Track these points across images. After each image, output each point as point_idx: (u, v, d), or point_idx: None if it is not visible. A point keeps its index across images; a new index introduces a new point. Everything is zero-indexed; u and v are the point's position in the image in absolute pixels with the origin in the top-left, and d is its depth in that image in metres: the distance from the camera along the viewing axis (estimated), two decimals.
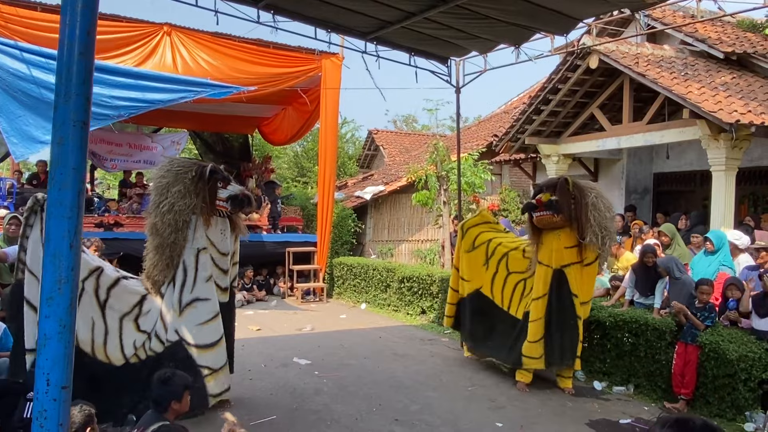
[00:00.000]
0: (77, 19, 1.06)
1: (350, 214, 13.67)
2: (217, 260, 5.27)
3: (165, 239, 4.95)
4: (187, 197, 4.93)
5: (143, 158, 13.81)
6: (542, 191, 6.13)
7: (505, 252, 6.87)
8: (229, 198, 5.15)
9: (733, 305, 5.79)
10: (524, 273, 6.58)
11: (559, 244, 6.07)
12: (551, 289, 6.10)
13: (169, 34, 9.94)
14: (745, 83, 9.32)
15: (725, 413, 5.41)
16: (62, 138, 1.08)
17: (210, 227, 5.19)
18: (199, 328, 5.10)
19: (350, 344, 8.14)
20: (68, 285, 1.05)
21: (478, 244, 7.14)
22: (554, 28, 6.76)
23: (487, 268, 6.97)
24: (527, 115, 10.99)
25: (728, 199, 8.55)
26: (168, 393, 3.37)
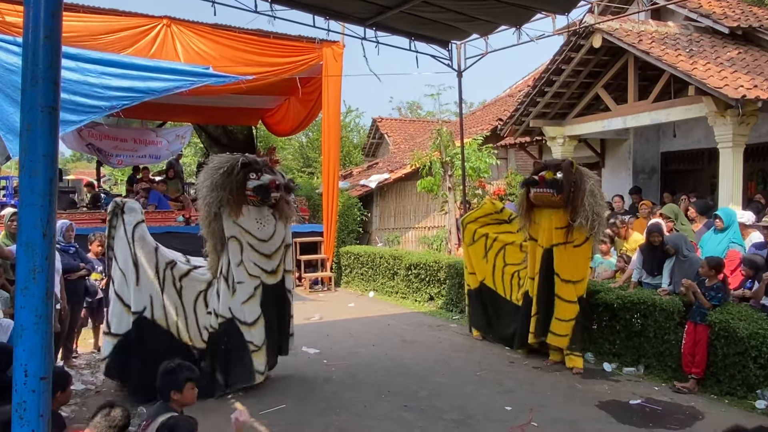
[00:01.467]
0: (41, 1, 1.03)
1: (356, 203, 13.66)
2: (256, 246, 5.64)
3: (205, 230, 5.61)
4: (215, 191, 5.41)
5: (148, 153, 13.84)
6: (546, 169, 6.21)
7: (501, 246, 7.28)
8: (255, 188, 5.49)
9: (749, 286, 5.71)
10: (519, 265, 7.00)
11: (551, 224, 6.27)
12: (542, 267, 6.37)
13: (169, 26, 9.90)
14: (752, 58, 9.16)
15: (736, 391, 5.38)
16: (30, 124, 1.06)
17: (241, 216, 5.53)
18: (242, 306, 5.57)
19: (359, 332, 8.15)
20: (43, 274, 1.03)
21: (477, 238, 7.52)
22: (555, 7, 6.68)
23: (487, 261, 7.40)
24: (531, 97, 10.88)
25: (736, 176, 8.44)
26: (169, 383, 3.40)
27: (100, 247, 7.35)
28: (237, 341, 5.56)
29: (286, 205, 5.84)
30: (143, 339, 5.44)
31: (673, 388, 5.68)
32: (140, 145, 13.65)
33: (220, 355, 5.60)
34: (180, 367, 3.51)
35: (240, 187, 5.46)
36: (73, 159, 37.72)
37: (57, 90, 1.03)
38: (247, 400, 5.39)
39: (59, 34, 1.06)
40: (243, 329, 5.57)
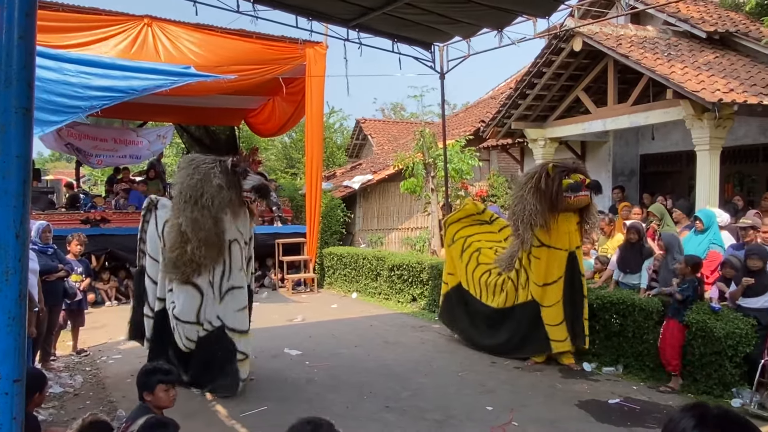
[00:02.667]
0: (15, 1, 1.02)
1: (339, 204, 13.65)
2: (244, 249, 5.60)
3: (209, 232, 5.21)
4: (224, 191, 5.21)
5: (129, 153, 13.69)
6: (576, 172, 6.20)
7: (478, 247, 7.31)
8: (252, 188, 5.41)
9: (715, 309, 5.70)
10: (489, 264, 7.05)
11: (571, 227, 6.29)
12: (567, 271, 6.28)
13: (150, 26, 9.81)
14: (728, 62, 9.33)
15: (712, 390, 5.47)
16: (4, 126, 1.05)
17: (238, 219, 5.45)
18: (236, 314, 5.48)
19: (341, 333, 8.14)
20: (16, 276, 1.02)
21: (456, 238, 7.53)
22: (536, 11, 6.74)
23: (462, 260, 7.39)
24: (513, 99, 10.97)
25: (713, 178, 8.58)
26: (141, 383, 3.39)
27: (78, 246, 7.26)
28: (227, 350, 5.45)
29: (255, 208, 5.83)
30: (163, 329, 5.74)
31: (655, 387, 5.74)
32: (120, 145, 13.50)
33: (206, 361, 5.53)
34: (155, 369, 3.49)
35: (239, 188, 5.36)
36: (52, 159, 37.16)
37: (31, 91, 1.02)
38: (228, 402, 5.37)
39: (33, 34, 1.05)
40: (234, 337, 5.45)
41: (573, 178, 6.12)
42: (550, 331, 6.32)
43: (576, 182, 6.09)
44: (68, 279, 6.58)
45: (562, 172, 6.17)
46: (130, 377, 6.08)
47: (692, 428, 1.16)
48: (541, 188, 6.16)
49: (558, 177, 6.14)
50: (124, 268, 11.10)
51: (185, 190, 5.23)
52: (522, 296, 6.61)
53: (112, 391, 5.73)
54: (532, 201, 6.17)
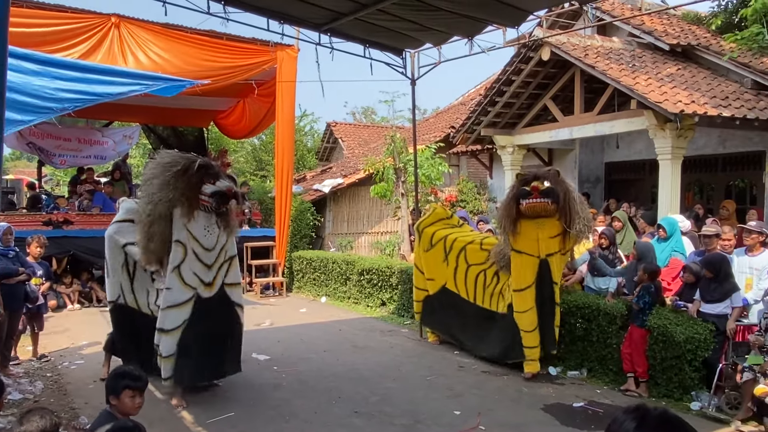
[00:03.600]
0: None
1: (309, 208, 13.59)
2: (200, 255, 5.37)
3: (148, 229, 5.28)
4: (165, 190, 5.09)
5: (93, 153, 13.40)
6: (535, 179, 6.12)
7: (462, 246, 7.11)
8: (213, 194, 5.21)
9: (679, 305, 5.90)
10: (483, 264, 6.86)
11: (544, 233, 6.17)
12: (538, 278, 6.22)
13: (118, 25, 9.63)
14: (690, 74, 9.64)
15: (673, 393, 5.63)
16: None
17: (191, 221, 5.24)
18: (163, 312, 5.40)
19: (310, 338, 8.11)
20: None
21: (435, 241, 7.40)
22: (506, 20, 6.85)
23: (447, 263, 7.22)
24: (482, 106, 11.12)
25: (674, 186, 8.85)
26: (109, 387, 3.34)
27: (38, 249, 7.09)
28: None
29: (231, 215, 5.62)
30: (120, 322, 6.01)
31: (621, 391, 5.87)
32: (85, 145, 13.21)
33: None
34: (124, 373, 3.43)
35: (195, 190, 5.18)
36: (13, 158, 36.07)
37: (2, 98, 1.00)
38: (194, 408, 5.30)
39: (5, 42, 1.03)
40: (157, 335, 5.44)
41: (532, 184, 6.09)
42: (525, 337, 6.27)
43: (525, 190, 6.10)
44: (29, 282, 6.40)
45: (524, 180, 6.24)
46: (93, 383, 5.97)
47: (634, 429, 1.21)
48: (507, 196, 6.40)
49: (518, 186, 6.24)
50: (87, 271, 10.85)
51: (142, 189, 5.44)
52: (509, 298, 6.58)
53: (74, 397, 5.60)
54: (502, 208, 6.42)
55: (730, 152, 10.22)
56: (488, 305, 6.79)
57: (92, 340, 7.74)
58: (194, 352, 5.40)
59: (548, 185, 6.04)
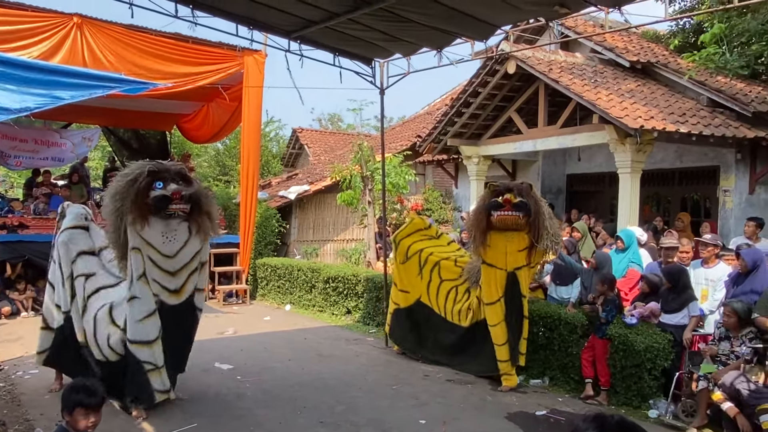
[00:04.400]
0: None
1: (274, 214, 13.48)
2: (158, 261, 5.18)
3: (110, 237, 5.31)
4: (115, 199, 5.07)
5: (51, 155, 13.02)
6: (508, 192, 6.06)
7: (436, 261, 7.14)
8: (154, 198, 4.99)
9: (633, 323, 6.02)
10: (455, 280, 6.88)
11: (512, 247, 6.14)
12: (506, 291, 6.21)
13: (80, 25, 9.40)
14: (649, 91, 9.96)
15: (632, 401, 5.77)
16: None
17: (146, 228, 5.06)
18: (136, 324, 5.20)
19: (274, 347, 8.03)
20: None
21: (411, 254, 7.37)
22: (474, 34, 6.95)
23: (422, 277, 7.22)
24: (449, 117, 11.26)
25: (633, 199, 9.12)
26: (62, 401, 3.20)
27: None
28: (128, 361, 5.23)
29: (206, 219, 5.35)
30: (74, 334, 5.61)
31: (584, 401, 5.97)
32: (42, 147, 12.81)
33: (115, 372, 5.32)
34: (78, 388, 3.26)
35: (142, 196, 4.98)
36: None
37: None
38: (155, 420, 5.17)
39: None
40: (132, 348, 5.18)
41: (504, 197, 6.04)
42: (498, 351, 6.27)
43: (496, 201, 6.05)
44: None
45: (495, 191, 6.17)
46: (48, 393, 5.77)
47: None
48: (478, 206, 6.36)
49: (489, 197, 6.19)
50: (42, 278, 10.49)
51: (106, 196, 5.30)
52: (481, 313, 6.52)
53: (29, 408, 5.39)
54: (472, 218, 6.39)
55: (687, 167, 10.59)
56: (456, 320, 6.81)
57: None
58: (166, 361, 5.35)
59: (520, 199, 5.99)
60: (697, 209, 11.02)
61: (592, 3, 5.84)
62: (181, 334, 5.54)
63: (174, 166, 5.35)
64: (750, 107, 9.23)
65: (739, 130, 9.11)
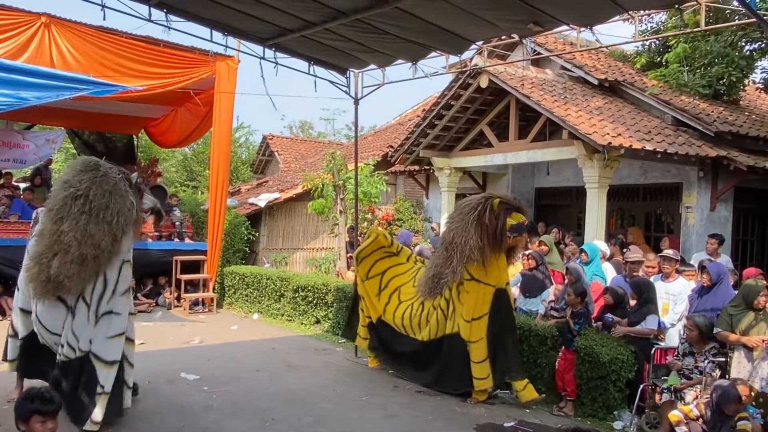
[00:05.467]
0: None
1: (243, 222, 13.33)
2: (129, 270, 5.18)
3: (100, 249, 4.66)
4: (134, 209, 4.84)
5: (13, 157, 12.61)
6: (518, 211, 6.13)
7: (397, 286, 7.12)
8: (151, 210, 5.11)
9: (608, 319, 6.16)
10: (411, 299, 6.84)
11: (502, 263, 6.27)
12: (492, 307, 6.14)
13: (48, 25, 9.18)
14: (616, 108, 10.22)
15: (597, 413, 5.86)
16: None
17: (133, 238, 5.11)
18: (106, 340, 4.87)
19: (242, 357, 7.92)
20: None
21: (372, 275, 7.31)
22: (449, 48, 7.04)
23: (380, 299, 7.20)
24: (422, 128, 11.34)
25: (600, 213, 9.32)
26: (17, 411, 3.13)
27: None
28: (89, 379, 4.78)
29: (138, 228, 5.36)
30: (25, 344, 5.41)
31: (551, 411, 6.05)
32: (3, 148, 12.42)
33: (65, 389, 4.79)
34: (33, 396, 3.19)
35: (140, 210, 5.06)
36: None
37: None
38: (120, 430, 5.04)
39: None
40: (97, 366, 4.79)
41: (515, 218, 6.01)
42: (474, 368, 6.15)
43: (519, 224, 6.02)
44: None
45: (507, 210, 6.03)
46: (7, 404, 5.56)
47: None
48: (485, 223, 5.94)
49: (503, 215, 5.99)
50: (2, 284, 10.16)
51: (89, 198, 4.64)
52: (449, 327, 6.38)
53: None
54: (475, 236, 5.93)
55: (651, 183, 10.87)
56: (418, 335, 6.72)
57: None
58: None
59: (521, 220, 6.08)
60: (660, 224, 11.32)
61: (564, 22, 5.98)
62: None
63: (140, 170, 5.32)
64: (713, 127, 9.55)
65: (702, 148, 9.40)
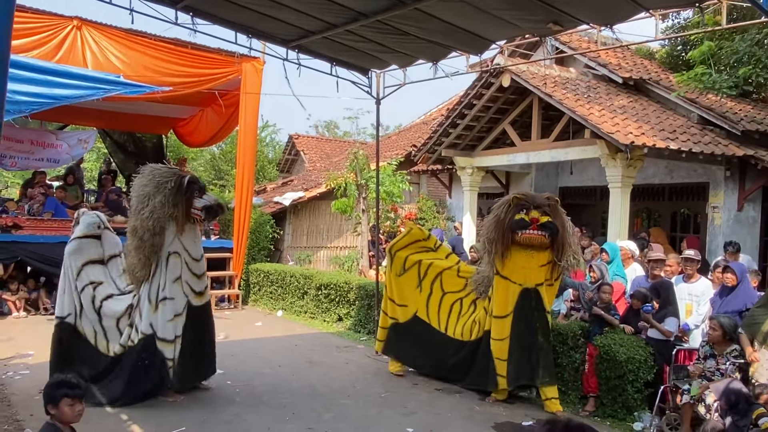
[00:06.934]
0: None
1: (268, 220, 13.52)
2: (190, 265, 5.86)
3: (144, 242, 5.60)
4: (165, 206, 5.54)
5: (47, 156, 13.00)
6: (535, 209, 5.87)
7: (438, 272, 6.79)
8: (204, 208, 5.72)
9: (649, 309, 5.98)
10: (460, 293, 6.61)
11: (533, 262, 5.94)
12: (517, 307, 5.97)
13: (79, 28, 9.47)
14: (640, 107, 10.11)
15: (617, 413, 5.84)
16: None
17: (183, 233, 5.76)
18: (166, 324, 5.69)
19: (265, 352, 8.07)
20: None
21: (408, 266, 7.00)
22: (469, 48, 7.07)
23: (421, 290, 6.87)
24: (444, 128, 11.37)
25: (623, 213, 9.23)
26: (46, 396, 3.30)
27: None
28: (154, 358, 5.67)
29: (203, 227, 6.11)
30: (62, 340, 5.88)
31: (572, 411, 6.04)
32: (38, 148, 12.81)
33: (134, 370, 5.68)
34: (61, 382, 3.38)
35: (187, 204, 5.66)
36: None
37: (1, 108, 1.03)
38: (145, 423, 5.22)
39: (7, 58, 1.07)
40: (160, 346, 5.67)
41: (531, 214, 5.82)
42: (498, 365, 6.05)
43: (523, 219, 5.83)
44: None
45: (520, 206, 5.93)
46: (39, 394, 5.75)
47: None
48: (500, 217, 5.98)
49: (514, 210, 5.92)
50: (34, 278, 10.51)
51: (134, 199, 5.67)
52: (487, 324, 6.26)
53: (19, 408, 5.43)
54: (492, 229, 6.03)
55: (677, 182, 10.72)
56: (460, 336, 6.51)
57: (38, 350, 7.50)
58: (188, 357, 5.81)
59: (548, 219, 5.82)
60: (686, 225, 11.16)
61: (583, 21, 5.97)
62: (204, 334, 6.09)
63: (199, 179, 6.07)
64: (739, 126, 9.38)
65: (729, 147, 9.25)
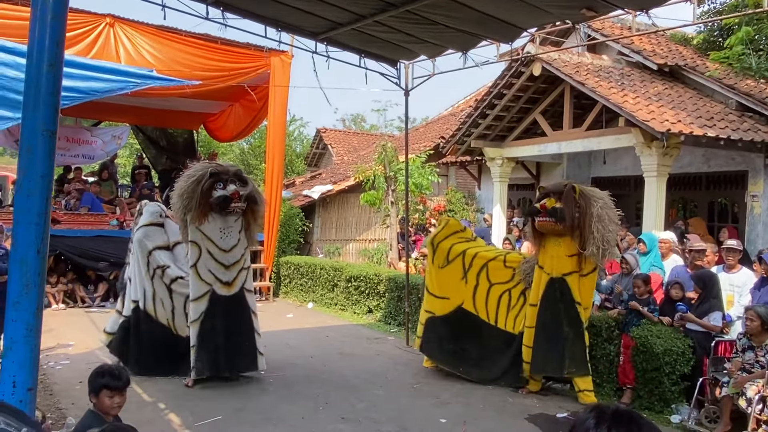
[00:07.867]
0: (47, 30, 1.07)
1: (298, 213, 13.62)
2: (216, 255, 6.05)
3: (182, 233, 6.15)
4: (182, 198, 5.87)
5: (82, 152, 13.30)
6: (548, 196, 5.88)
7: (483, 263, 6.61)
8: (217, 198, 5.88)
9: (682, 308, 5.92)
10: (508, 283, 6.45)
11: (560, 251, 5.89)
12: (544, 296, 5.95)
13: (112, 25, 9.66)
14: (676, 94, 9.85)
15: (654, 406, 5.74)
16: (31, 146, 1.10)
17: (205, 223, 5.95)
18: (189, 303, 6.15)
19: (296, 343, 8.14)
20: (35, 290, 1.06)
21: (452, 257, 6.77)
22: (499, 36, 6.97)
23: (466, 281, 6.65)
24: (473, 118, 11.25)
25: (659, 203, 9.02)
26: (89, 384, 3.33)
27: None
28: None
29: (253, 221, 6.23)
30: (138, 324, 6.40)
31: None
32: (73, 144, 13.11)
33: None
34: (104, 372, 3.41)
35: (205, 196, 5.83)
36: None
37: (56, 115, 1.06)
38: (182, 412, 5.31)
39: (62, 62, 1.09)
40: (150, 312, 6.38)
41: (548, 203, 5.81)
42: (525, 351, 6.07)
43: (535, 207, 5.93)
44: None
45: (543, 194, 5.98)
46: (80, 384, 5.93)
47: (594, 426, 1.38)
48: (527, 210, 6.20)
49: (536, 200, 6.02)
50: (73, 271, 10.78)
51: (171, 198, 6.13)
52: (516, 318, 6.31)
53: (61, 398, 5.59)
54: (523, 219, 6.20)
55: (714, 171, 10.43)
56: (512, 328, 6.38)
57: (78, 341, 7.71)
58: (210, 343, 6.02)
59: (557, 204, 5.74)
60: (724, 214, 10.86)
61: (618, 6, 5.82)
62: (235, 326, 6.17)
63: (232, 167, 6.20)
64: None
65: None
